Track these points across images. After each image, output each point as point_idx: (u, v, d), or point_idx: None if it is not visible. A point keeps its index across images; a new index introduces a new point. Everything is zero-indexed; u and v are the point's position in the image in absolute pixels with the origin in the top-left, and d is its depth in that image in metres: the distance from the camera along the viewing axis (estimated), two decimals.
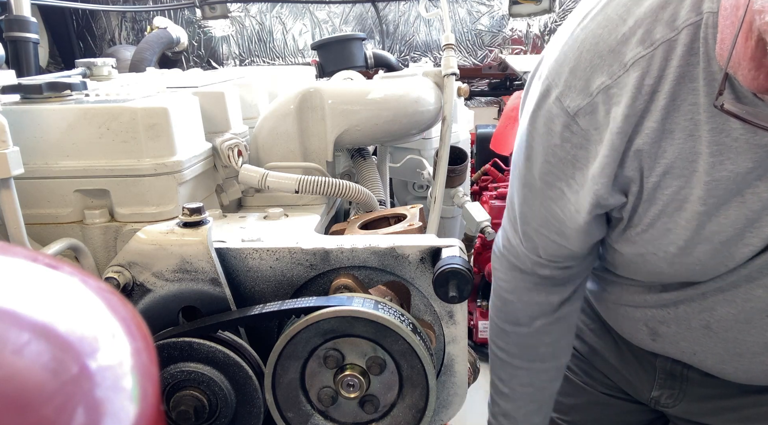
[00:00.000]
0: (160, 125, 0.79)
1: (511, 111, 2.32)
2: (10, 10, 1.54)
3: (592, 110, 0.69)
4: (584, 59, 0.69)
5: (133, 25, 3.20)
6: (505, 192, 2.37)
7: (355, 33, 2.50)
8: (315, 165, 1.01)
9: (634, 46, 0.65)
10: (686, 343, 0.85)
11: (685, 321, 0.82)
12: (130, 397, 0.29)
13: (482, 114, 3.20)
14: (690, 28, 0.63)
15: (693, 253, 0.73)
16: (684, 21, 0.64)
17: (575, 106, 0.69)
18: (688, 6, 0.64)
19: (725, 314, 0.78)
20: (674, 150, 0.68)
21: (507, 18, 3.05)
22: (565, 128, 0.71)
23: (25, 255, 0.35)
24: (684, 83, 0.65)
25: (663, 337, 0.87)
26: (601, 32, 0.68)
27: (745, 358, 0.81)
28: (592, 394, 1.08)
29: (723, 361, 0.83)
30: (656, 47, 0.64)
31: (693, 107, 0.65)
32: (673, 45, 0.64)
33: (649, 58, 0.65)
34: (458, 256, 0.66)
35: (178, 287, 0.67)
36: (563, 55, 0.71)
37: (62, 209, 0.81)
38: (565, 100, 0.70)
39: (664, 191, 0.70)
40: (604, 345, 1.04)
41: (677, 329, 0.84)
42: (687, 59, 0.64)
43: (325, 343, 0.63)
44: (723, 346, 0.81)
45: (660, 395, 0.98)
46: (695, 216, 0.70)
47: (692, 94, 0.65)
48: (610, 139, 0.68)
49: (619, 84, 0.66)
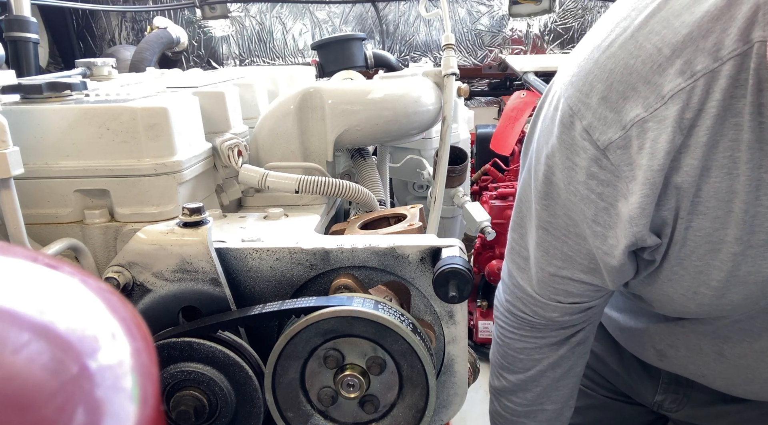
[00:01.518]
0: (160, 125, 0.79)
1: (511, 111, 2.32)
2: (10, 10, 1.54)
3: (625, 144, 0.63)
4: (615, 90, 0.63)
5: (133, 25, 3.20)
6: (505, 192, 2.37)
7: (355, 33, 2.50)
8: (315, 165, 1.01)
9: (673, 77, 0.60)
10: (695, 366, 0.83)
11: (696, 346, 0.80)
12: (130, 397, 0.29)
13: (482, 114, 3.20)
14: (737, 59, 0.58)
15: (726, 295, 0.68)
16: (730, 51, 0.58)
17: (606, 139, 0.64)
18: (734, 35, 0.58)
19: (741, 342, 0.75)
20: (710, 189, 0.63)
21: (507, 18, 3.05)
22: (593, 162, 0.65)
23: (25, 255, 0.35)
24: (726, 118, 0.60)
25: (671, 359, 0.85)
26: (634, 62, 0.62)
27: (756, 383, 0.79)
28: (592, 397, 1.07)
29: (733, 384, 0.82)
30: (697, 79, 0.59)
31: (733, 144, 0.61)
32: (716, 77, 0.59)
33: (689, 90, 0.60)
34: (458, 256, 0.66)
35: (178, 287, 0.67)
36: (589, 84, 0.65)
37: (62, 209, 0.81)
38: (594, 133, 0.64)
39: (696, 233, 0.65)
40: (605, 350, 1.03)
41: (687, 353, 0.82)
42: (731, 92, 0.59)
43: (325, 343, 0.63)
44: (734, 371, 0.79)
45: (664, 399, 0.97)
46: (731, 257, 0.65)
47: (734, 129, 0.60)
48: (650, 177, 0.62)
49: (656, 117, 0.61)
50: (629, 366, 1.00)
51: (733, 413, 0.91)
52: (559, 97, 0.68)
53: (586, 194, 0.67)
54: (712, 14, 0.59)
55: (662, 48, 0.61)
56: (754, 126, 0.59)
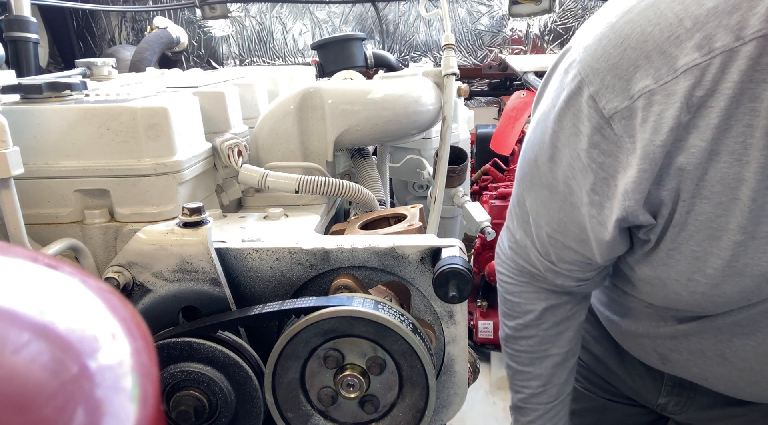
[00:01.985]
0: (160, 125, 0.79)
1: (511, 111, 2.32)
2: (10, 10, 1.54)
3: (629, 115, 0.61)
4: (628, 57, 0.60)
5: (133, 25, 3.20)
6: (505, 192, 2.37)
7: (355, 33, 2.50)
8: (315, 165, 1.01)
9: (690, 50, 0.57)
10: (698, 370, 0.82)
11: (698, 350, 0.79)
12: (130, 397, 0.29)
13: (482, 114, 3.20)
14: (761, 40, 0.55)
15: (720, 285, 0.67)
16: (755, 31, 0.55)
17: (611, 108, 0.62)
18: (761, 14, 0.55)
19: (743, 345, 0.74)
20: (716, 174, 0.61)
21: (507, 18, 3.05)
22: (596, 131, 0.64)
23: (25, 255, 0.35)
24: (742, 102, 0.57)
25: (673, 362, 0.85)
26: (652, 30, 0.59)
27: (760, 386, 0.78)
28: (593, 400, 1.07)
29: (736, 387, 0.81)
30: (714, 56, 0.56)
31: (747, 129, 0.58)
32: (734, 56, 0.56)
33: (704, 67, 0.57)
34: (458, 256, 0.66)
35: (178, 287, 0.67)
36: (602, 49, 0.62)
37: (62, 209, 0.81)
38: (600, 101, 0.62)
39: (697, 217, 0.64)
40: (607, 354, 1.02)
41: (690, 357, 0.81)
42: (750, 75, 0.56)
43: (325, 343, 0.63)
44: (738, 375, 0.78)
45: (667, 402, 0.96)
46: (731, 246, 0.64)
47: (750, 114, 0.57)
48: (650, 151, 0.60)
49: (665, 90, 0.59)
50: (631, 368, 0.99)
51: (737, 415, 0.90)
52: (572, 61, 0.66)
53: (588, 163, 0.66)
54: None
55: (684, 19, 0.58)
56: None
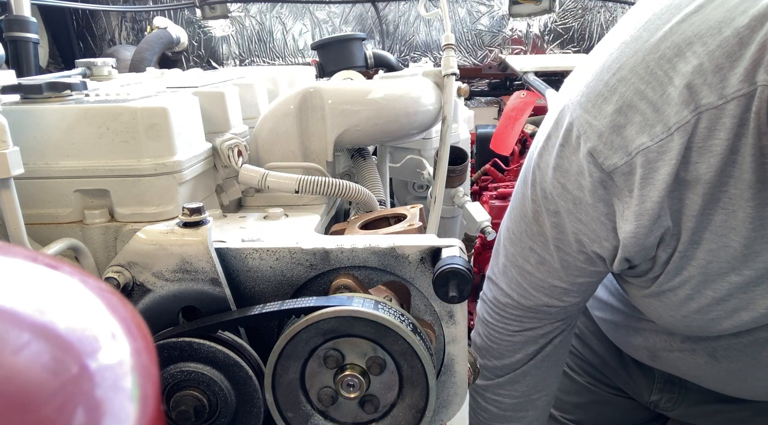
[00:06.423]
0: (160, 125, 0.79)
1: (511, 111, 2.32)
2: (10, 10, 1.54)
3: (629, 171, 0.63)
4: (622, 114, 0.63)
5: (133, 25, 3.20)
6: (505, 192, 2.37)
7: (355, 33, 2.50)
8: (315, 165, 1.01)
9: (680, 108, 0.60)
10: (687, 368, 0.84)
11: (688, 348, 0.81)
12: (130, 397, 0.29)
13: (482, 114, 3.20)
14: (741, 99, 0.58)
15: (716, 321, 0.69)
16: (735, 91, 0.58)
17: (611, 164, 0.64)
18: (740, 74, 0.57)
19: (732, 344, 0.75)
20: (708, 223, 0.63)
21: (507, 18, 3.05)
22: (600, 185, 0.66)
23: (25, 255, 0.35)
24: (729, 157, 0.60)
25: (663, 360, 0.87)
26: (644, 88, 0.62)
27: (748, 383, 0.79)
28: (596, 393, 1.08)
29: (724, 383, 0.82)
30: (701, 112, 0.59)
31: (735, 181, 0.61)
32: (719, 115, 0.59)
33: (694, 123, 0.60)
34: (458, 256, 0.66)
35: (178, 287, 0.67)
36: (594, 106, 0.65)
37: (62, 209, 0.81)
38: (599, 157, 0.64)
39: (692, 263, 0.66)
40: (604, 349, 1.04)
41: (680, 354, 0.83)
42: (736, 131, 0.59)
43: (325, 343, 0.63)
44: (726, 373, 0.79)
45: (659, 399, 0.98)
46: (726, 288, 0.66)
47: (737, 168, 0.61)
48: (649, 207, 0.63)
49: (661, 148, 0.61)
50: (626, 365, 1.01)
51: (728, 411, 0.91)
52: (565, 116, 0.68)
53: (596, 216, 0.68)
54: (724, 49, 0.58)
55: (673, 77, 0.60)
56: (756, 167, 0.59)
